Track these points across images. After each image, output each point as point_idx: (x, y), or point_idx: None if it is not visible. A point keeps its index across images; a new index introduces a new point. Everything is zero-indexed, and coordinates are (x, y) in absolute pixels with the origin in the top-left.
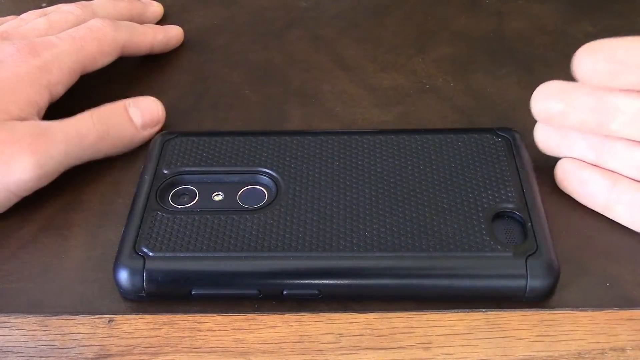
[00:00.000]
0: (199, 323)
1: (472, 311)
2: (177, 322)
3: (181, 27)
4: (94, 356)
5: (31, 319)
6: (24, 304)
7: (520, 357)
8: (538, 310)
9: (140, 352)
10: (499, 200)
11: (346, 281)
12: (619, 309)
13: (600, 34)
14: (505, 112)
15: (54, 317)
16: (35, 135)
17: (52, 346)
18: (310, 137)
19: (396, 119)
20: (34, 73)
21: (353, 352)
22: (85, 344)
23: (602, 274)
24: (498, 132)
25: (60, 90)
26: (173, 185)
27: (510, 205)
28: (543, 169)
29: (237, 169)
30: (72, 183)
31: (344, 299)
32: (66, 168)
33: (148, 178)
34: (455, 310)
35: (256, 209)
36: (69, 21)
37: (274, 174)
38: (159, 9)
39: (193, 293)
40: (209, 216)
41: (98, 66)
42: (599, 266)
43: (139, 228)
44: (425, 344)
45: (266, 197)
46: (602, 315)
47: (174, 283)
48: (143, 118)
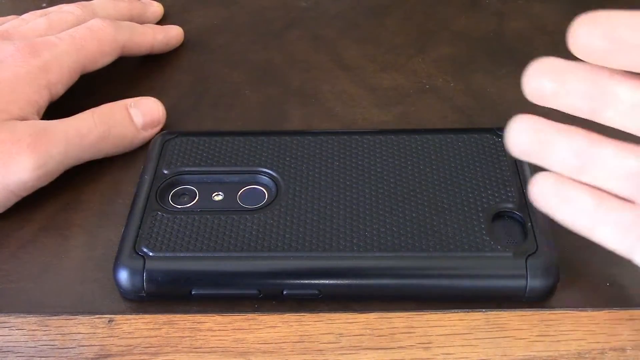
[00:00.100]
0: (199, 323)
1: (472, 311)
2: (177, 322)
3: (181, 27)
4: (94, 356)
5: (31, 319)
6: (24, 304)
7: (520, 357)
8: (538, 310)
9: (140, 352)
10: (499, 200)
11: (346, 281)
12: (619, 309)
13: None
14: (505, 112)
15: (54, 317)
16: (35, 135)
17: (52, 346)
18: (310, 137)
19: (396, 119)
20: (34, 73)
21: (353, 352)
22: (85, 344)
23: (602, 274)
24: (498, 132)
25: (60, 90)
26: (173, 185)
27: (510, 205)
28: (543, 169)
29: (237, 169)
30: (72, 183)
31: (344, 299)
32: (66, 168)
33: (148, 178)
34: (455, 310)
35: (256, 209)
36: (69, 21)
37: (274, 174)
38: (159, 9)
39: (193, 293)
40: (209, 216)
41: (98, 66)
42: (599, 266)
43: (139, 228)
44: (425, 344)
45: (266, 197)
46: (602, 315)
47: (174, 283)
48: (144, 118)
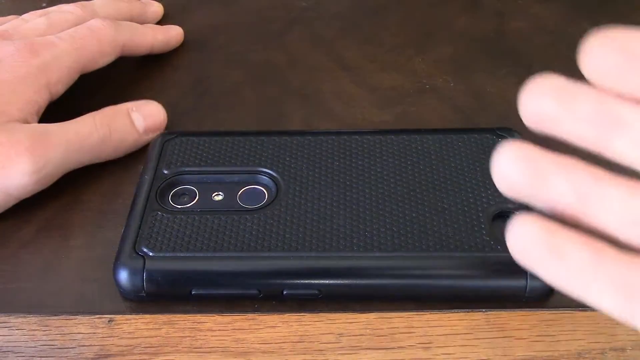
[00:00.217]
0: (199, 323)
1: (472, 311)
2: (177, 322)
3: (181, 27)
4: (94, 356)
5: (31, 319)
6: (24, 304)
7: (520, 357)
8: (538, 310)
9: (140, 352)
10: (499, 200)
11: (346, 281)
12: None
13: None
14: (505, 112)
15: (54, 317)
16: (35, 139)
17: (52, 346)
18: (310, 137)
19: (396, 119)
20: (34, 73)
21: (353, 352)
22: (85, 344)
23: None
24: (498, 132)
25: (60, 90)
26: (173, 185)
27: (510, 205)
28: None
29: (237, 169)
30: (72, 183)
31: (344, 299)
32: (66, 171)
33: (148, 178)
34: (455, 310)
35: (256, 209)
36: (69, 21)
37: (274, 174)
38: (159, 9)
39: (193, 293)
40: (209, 216)
41: (98, 66)
42: None
43: (139, 228)
44: (425, 344)
45: (266, 197)
46: (602, 315)
47: (174, 283)
48: (145, 122)
